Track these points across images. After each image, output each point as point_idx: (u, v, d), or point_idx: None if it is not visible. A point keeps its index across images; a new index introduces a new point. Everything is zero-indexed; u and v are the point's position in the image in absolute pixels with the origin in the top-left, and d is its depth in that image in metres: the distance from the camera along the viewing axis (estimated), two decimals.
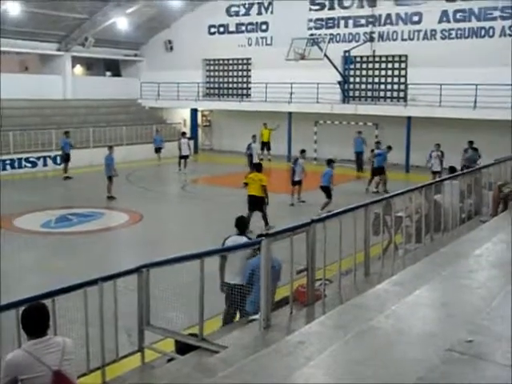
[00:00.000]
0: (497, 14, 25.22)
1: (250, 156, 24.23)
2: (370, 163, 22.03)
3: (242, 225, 8.55)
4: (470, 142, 21.20)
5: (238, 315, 7.62)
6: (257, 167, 16.90)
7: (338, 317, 5.29)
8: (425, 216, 8.58)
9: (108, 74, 38.09)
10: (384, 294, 5.66)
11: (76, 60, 34.40)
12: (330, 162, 18.43)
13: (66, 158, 23.98)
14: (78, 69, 37.35)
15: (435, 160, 21.19)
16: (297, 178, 19.08)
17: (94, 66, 38.57)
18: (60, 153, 24.76)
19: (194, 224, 17.01)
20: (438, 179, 10.89)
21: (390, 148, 22.03)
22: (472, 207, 10.48)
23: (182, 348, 6.40)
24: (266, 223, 15.04)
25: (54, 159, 26.11)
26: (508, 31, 24.92)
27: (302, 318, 5.97)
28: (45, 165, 26.05)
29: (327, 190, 17.82)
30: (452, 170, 14.72)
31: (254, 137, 25.55)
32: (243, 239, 7.92)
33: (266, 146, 29.55)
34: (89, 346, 6.14)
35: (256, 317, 6.15)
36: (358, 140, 26.46)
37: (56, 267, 12.11)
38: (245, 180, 15.96)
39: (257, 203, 15.17)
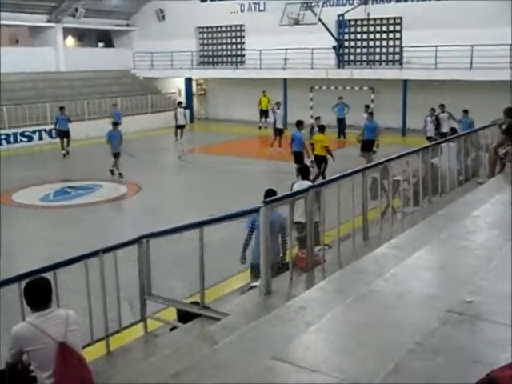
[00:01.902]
0: None
1: (274, 122, 23.92)
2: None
3: (304, 171, 9.90)
4: (465, 111, 20.23)
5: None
6: (321, 128, 17.09)
7: (337, 282, 5.33)
8: (422, 179, 8.59)
9: (100, 44, 37.65)
10: (383, 258, 5.70)
11: (67, 31, 33.94)
12: (298, 124, 17.43)
13: (64, 135, 22.78)
14: (70, 40, 36.89)
15: (430, 125, 20.77)
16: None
17: (85, 37, 38.09)
18: (55, 128, 23.82)
19: (192, 193, 17.02)
20: (434, 142, 10.85)
21: (371, 114, 20.45)
22: (469, 169, 10.48)
23: (184, 316, 6.45)
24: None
25: (49, 133, 25.92)
26: None
27: (302, 284, 6.01)
28: (40, 139, 25.91)
29: (300, 156, 16.86)
30: (453, 131, 14.64)
31: (278, 104, 25.23)
32: (307, 183, 8.79)
33: (264, 114, 29.26)
34: (92, 317, 6.19)
35: (256, 283, 6.20)
36: (340, 106, 26.15)
37: (56, 240, 12.16)
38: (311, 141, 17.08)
39: (319, 161, 16.36)
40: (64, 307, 5.14)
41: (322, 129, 17.02)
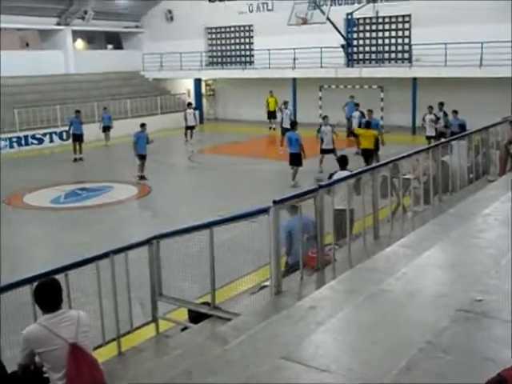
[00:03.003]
0: None
1: (281, 121, 23.97)
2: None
3: (343, 161, 10.27)
4: (455, 112, 19.75)
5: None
6: (367, 125, 17.67)
7: (348, 281, 5.33)
8: (433, 177, 8.56)
9: (109, 46, 37.82)
10: (394, 257, 5.69)
11: (76, 34, 34.11)
12: (293, 125, 17.61)
13: (78, 139, 22.50)
14: (79, 43, 37.06)
15: (430, 123, 20.25)
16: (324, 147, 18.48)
17: (94, 40, 38.26)
18: (69, 131, 23.45)
19: (202, 194, 17.04)
20: (443, 140, 10.81)
21: (370, 111, 20.06)
22: (480, 167, 10.43)
23: (195, 317, 6.47)
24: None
25: (60, 135, 26.09)
26: None
27: (312, 283, 6.01)
28: (51, 141, 26.06)
29: (299, 158, 16.85)
30: (462, 127, 14.57)
31: (285, 103, 25.22)
32: (347, 173, 8.91)
33: (271, 115, 28.92)
34: (103, 319, 6.22)
35: (267, 283, 6.21)
36: (350, 105, 25.42)
37: (67, 242, 12.21)
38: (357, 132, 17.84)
39: (369, 155, 16.77)
40: (75, 309, 5.16)
41: (367, 125, 17.61)
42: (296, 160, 16.91)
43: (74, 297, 5.93)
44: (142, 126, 18.99)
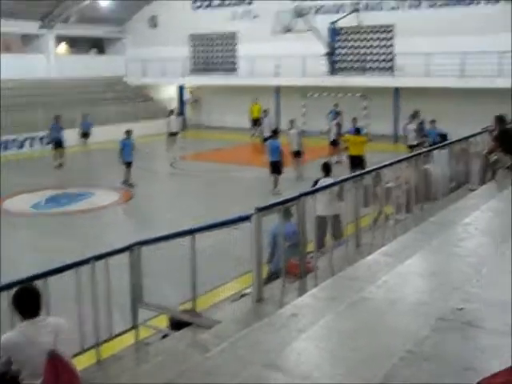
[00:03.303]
0: None
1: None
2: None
3: (326, 168, 10.42)
4: (433, 121, 19.70)
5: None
6: (357, 131, 17.92)
7: (329, 289, 5.33)
8: (414, 186, 8.60)
9: (93, 51, 37.62)
10: (375, 265, 5.70)
11: (59, 38, 33.91)
12: (275, 133, 17.48)
13: (58, 145, 22.21)
14: (62, 47, 36.82)
15: (412, 133, 20.08)
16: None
17: (77, 44, 38.01)
18: (49, 137, 23.14)
19: (184, 200, 17.01)
20: (424, 149, 10.87)
21: (354, 119, 20.11)
22: (461, 176, 10.51)
23: (176, 324, 6.43)
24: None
25: (40, 140, 25.88)
26: None
27: (294, 291, 6.00)
28: (31, 146, 25.84)
29: (278, 166, 16.81)
30: (443, 137, 14.71)
31: (265, 111, 25.34)
32: (330, 180, 9.27)
33: (255, 122, 28.57)
34: (83, 325, 6.15)
35: (248, 290, 6.19)
36: (333, 112, 25.01)
37: (48, 247, 12.10)
38: (344, 143, 17.94)
39: (359, 162, 16.54)
40: (54, 315, 5.10)
41: (357, 131, 17.90)
42: (277, 168, 16.91)
43: (53, 303, 5.85)
44: (128, 132, 18.82)
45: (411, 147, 19.38)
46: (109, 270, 6.49)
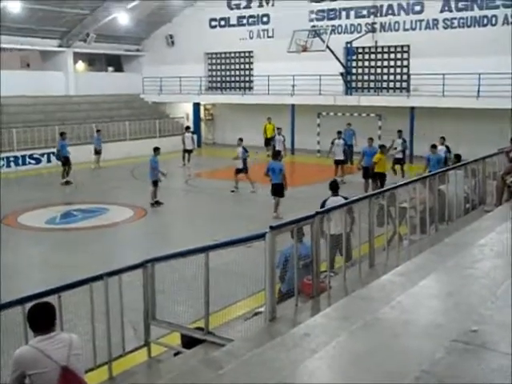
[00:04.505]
0: (499, 2, 25.08)
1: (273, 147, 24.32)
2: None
3: (335, 187, 10.53)
4: (433, 146, 18.93)
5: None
6: (381, 147, 18.66)
7: (343, 309, 5.30)
8: (429, 207, 8.57)
9: (110, 69, 38.05)
10: (389, 285, 5.67)
11: (78, 56, 34.38)
12: (276, 155, 17.14)
13: (64, 162, 22.12)
14: (80, 65, 37.31)
15: (337, 148, 21.81)
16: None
17: (95, 62, 38.53)
18: (57, 154, 22.79)
19: (198, 218, 17.03)
20: (441, 170, 10.82)
21: (371, 139, 20.41)
22: (476, 197, 10.45)
23: (188, 342, 6.42)
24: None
25: (56, 155, 26.06)
26: (510, 19, 24.79)
27: (307, 310, 5.98)
28: (48, 161, 26.04)
29: (280, 188, 16.26)
30: (458, 158, 14.65)
31: (278, 129, 26.02)
32: (339, 198, 9.68)
33: (268, 141, 28.62)
34: (95, 341, 6.16)
35: (261, 309, 6.17)
36: (348, 132, 25.36)
37: (61, 263, 12.15)
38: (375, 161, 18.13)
39: (384, 178, 17.82)
40: (67, 331, 5.12)
41: (382, 148, 18.52)
42: (279, 191, 16.33)
43: (67, 319, 5.88)
44: (156, 149, 18.48)
45: (339, 162, 21.75)
46: (122, 287, 6.50)
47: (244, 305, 9.31)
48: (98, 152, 25.38)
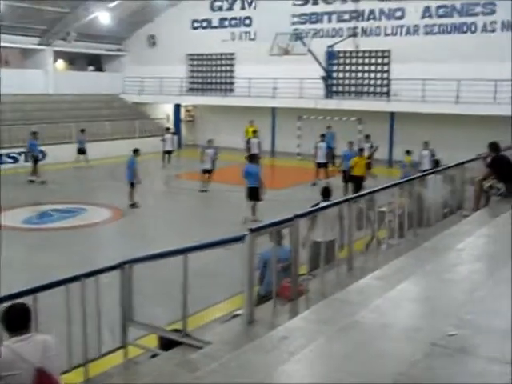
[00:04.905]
0: (479, 9, 25.39)
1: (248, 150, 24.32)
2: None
3: (326, 192, 10.28)
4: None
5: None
6: (360, 152, 18.87)
7: (321, 312, 5.29)
8: (408, 211, 8.60)
9: (90, 68, 37.75)
10: (367, 289, 5.67)
11: (58, 54, 34.04)
12: (253, 158, 16.78)
13: (36, 160, 22.43)
14: (60, 63, 36.95)
15: (320, 151, 21.87)
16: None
17: (76, 61, 38.18)
18: (28, 153, 23.06)
19: (177, 219, 16.96)
20: (420, 174, 10.89)
21: (350, 143, 20.59)
22: (454, 202, 10.53)
23: (166, 344, 6.37)
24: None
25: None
26: (489, 27, 25.10)
27: (285, 313, 5.96)
28: (26, 160, 25.71)
29: (256, 192, 15.77)
30: (436, 163, 14.80)
31: (254, 132, 25.90)
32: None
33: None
34: (71, 343, 6.09)
35: (240, 312, 6.15)
36: (329, 135, 25.10)
37: (38, 263, 12.02)
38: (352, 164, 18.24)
39: (361, 182, 17.86)
40: (43, 332, 5.05)
41: (361, 152, 18.77)
42: (255, 195, 15.83)
43: (42, 320, 5.80)
44: (135, 151, 18.34)
45: (321, 165, 21.79)
46: (99, 288, 6.43)
47: (222, 307, 9.28)
48: (82, 151, 25.26)
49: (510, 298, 4.32)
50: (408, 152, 19.12)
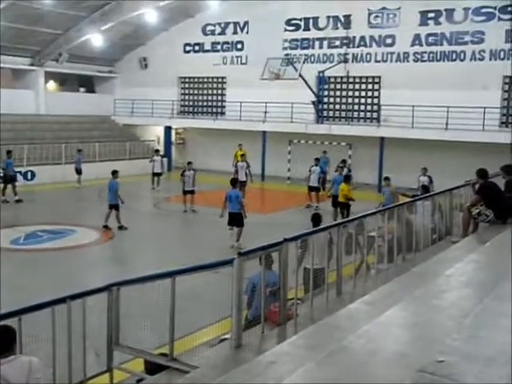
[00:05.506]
0: (468, 38, 25.76)
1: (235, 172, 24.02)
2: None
3: (317, 219, 10.25)
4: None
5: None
6: (346, 178, 18.67)
7: (309, 337, 5.25)
8: (397, 237, 8.62)
9: (82, 90, 37.85)
10: (356, 314, 5.65)
11: (49, 75, 34.12)
12: (235, 182, 16.51)
13: (9, 180, 22.30)
14: (52, 84, 37.02)
15: (313, 175, 22.03)
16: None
17: (67, 82, 38.26)
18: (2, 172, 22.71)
19: (165, 242, 16.88)
20: (410, 199, 10.93)
21: (341, 168, 21.00)
22: (443, 228, 10.56)
23: (152, 368, 6.29)
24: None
25: (24, 175, 25.74)
26: (478, 55, 25.44)
27: (273, 338, 5.92)
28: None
29: (240, 218, 15.66)
30: (425, 188, 14.88)
31: (242, 155, 25.45)
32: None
33: None
34: (56, 366, 5.99)
35: (227, 336, 6.10)
36: (323, 160, 25.36)
37: (24, 285, 11.88)
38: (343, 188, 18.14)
39: (344, 207, 17.84)
40: (28, 354, 4.98)
41: (346, 179, 18.39)
42: (237, 220, 15.66)
43: (27, 342, 5.71)
44: (114, 173, 18.27)
45: (312, 189, 21.95)
46: (85, 310, 6.36)
47: (210, 331, 9.19)
48: (79, 172, 25.39)
49: (497, 325, 4.31)
50: (387, 178, 18.83)
